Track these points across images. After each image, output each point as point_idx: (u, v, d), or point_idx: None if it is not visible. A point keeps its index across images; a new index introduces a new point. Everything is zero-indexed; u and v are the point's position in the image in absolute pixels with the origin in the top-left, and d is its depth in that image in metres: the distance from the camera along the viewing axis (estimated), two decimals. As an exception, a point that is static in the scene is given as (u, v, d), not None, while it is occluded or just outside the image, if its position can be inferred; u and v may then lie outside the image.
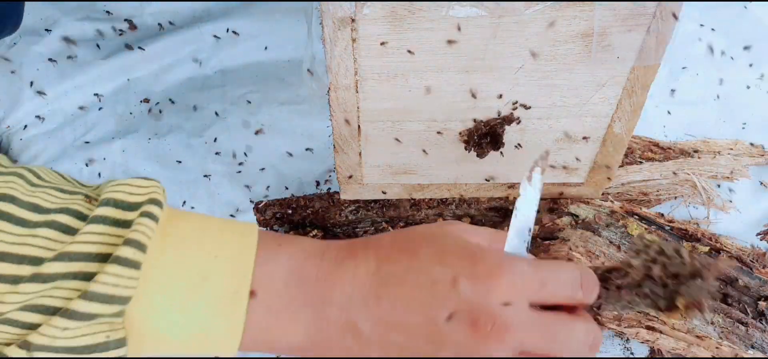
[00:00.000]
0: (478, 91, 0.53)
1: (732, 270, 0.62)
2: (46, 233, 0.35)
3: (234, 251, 0.39)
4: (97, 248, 0.36)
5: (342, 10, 0.46)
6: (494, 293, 0.38)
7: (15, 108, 0.77)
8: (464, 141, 0.58)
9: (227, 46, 0.83)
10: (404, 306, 0.39)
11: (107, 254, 0.36)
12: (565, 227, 0.62)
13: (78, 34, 0.83)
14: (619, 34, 0.48)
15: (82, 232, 0.36)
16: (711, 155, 0.71)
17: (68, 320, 0.34)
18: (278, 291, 0.40)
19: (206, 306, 0.38)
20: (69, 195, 0.38)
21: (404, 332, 0.39)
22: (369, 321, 0.40)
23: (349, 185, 0.64)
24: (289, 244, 0.42)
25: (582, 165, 0.62)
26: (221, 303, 0.38)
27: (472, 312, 0.38)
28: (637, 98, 0.54)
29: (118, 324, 0.36)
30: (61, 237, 0.36)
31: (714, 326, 0.60)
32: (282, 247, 0.41)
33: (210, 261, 0.38)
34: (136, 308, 0.36)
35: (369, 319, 0.40)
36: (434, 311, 0.38)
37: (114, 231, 0.36)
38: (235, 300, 0.38)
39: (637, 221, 0.64)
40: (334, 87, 0.52)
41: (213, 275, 0.38)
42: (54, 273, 0.34)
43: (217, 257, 0.39)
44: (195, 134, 0.77)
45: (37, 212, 0.36)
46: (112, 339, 0.36)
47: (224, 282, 0.38)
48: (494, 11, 0.46)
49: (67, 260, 0.35)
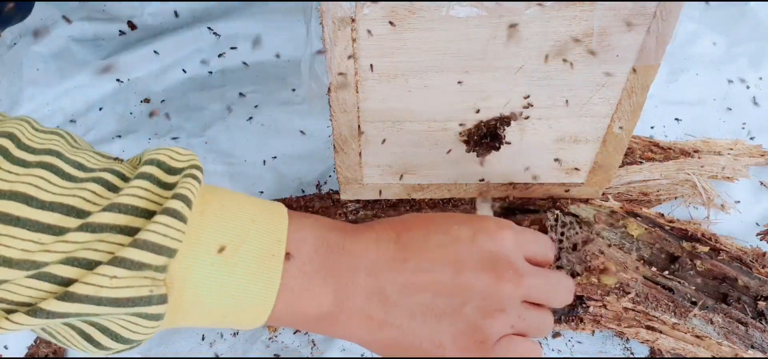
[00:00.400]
0: (479, 91, 0.53)
1: (732, 269, 0.62)
2: (93, 187, 0.35)
3: (268, 218, 0.41)
4: (144, 204, 0.36)
5: (342, 10, 0.46)
6: (507, 243, 0.44)
7: (15, 108, 0.77)
8: (464, 141, 0.58)
9: (227, 46, 0.83)
10: (430, 264, 0.42)
11: (152, 212, 0.36)
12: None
13: (78, 34, 0.83)
14: (619, 34, 0.48)
15: (131, 185, 0.36)
16: (711, 155, 0.71)
17: (117, 268, 0.33)
18: (309, 256, 0.42)
19: (244, 266, 0.39)
20: (109, 160, 0.39)
21: (431, 290, 0.42)
22: (396, 285, 0.42)
23: (349, 185, 0.64)
24: (314, 218, 0.45)
25: (582, 165, 0.62)
26: (258, 264, 0.39)
27: (491, 261, 0.42)
28: (637, 98, 0.54)
29: (160, 279, 0.36)
30: (107, 193, 0.36)
31: (714, 326, 0.60)
32: (309, 218, 0.44)
33: (247, 225, 0.40)
34: (179, 263, 0.37)
35: (395, 283, 0.42)
36: (460, 263, 0.42)
37: (158, 191, 0.37)
38: (272, 262, 0.40)
39: (637, 221, 0.64)
40: (334, 87, 0.52)
41: (250, 238, 0.39)
42: (103, 224, 0.34)
43: (254, 221, 0.40)
44: (195, 134, 0.77)
45: (82, 170, 0.36)
46: (155, 293, 0.36)
47: (261, 244, 0.40)
48: (494, 11, 0.46)
49: (116, 211, 0.35)
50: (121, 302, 0.34)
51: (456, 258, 0.42)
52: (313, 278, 0.41)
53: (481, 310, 0.42)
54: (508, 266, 0.43)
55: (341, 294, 0.42)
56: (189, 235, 0.37)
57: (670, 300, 0.61)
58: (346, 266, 0.42)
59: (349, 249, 0.43)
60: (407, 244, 0.43)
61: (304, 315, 0.42)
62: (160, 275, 0.36)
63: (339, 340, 0.64)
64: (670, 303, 0.60)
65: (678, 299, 0.61)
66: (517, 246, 0.45)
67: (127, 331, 0.37)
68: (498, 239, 0.44)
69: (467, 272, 0.42)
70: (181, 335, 0.64)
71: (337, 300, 0.42)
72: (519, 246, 0.45)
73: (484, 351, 0.43)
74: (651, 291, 0.61)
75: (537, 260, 0.47)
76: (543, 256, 0.47)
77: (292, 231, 0.42)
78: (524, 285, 0.44)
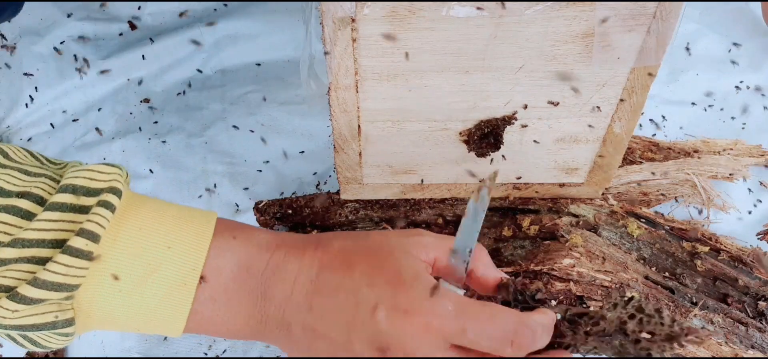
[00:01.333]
0: (479, 91, 0.53)
1: (732, 269, 0.62)
2: (4, 217, 0.37)
3: (187, 242, 0.40)
4: (52, 235, 0.37)
5: (342, 10, 0.46)
6: (409, 329, 0.39)
7: (15, 108, 0.77)
8: (464, 141, 0.58)
9: (227, 46, 0.83)
10: (329, 320, 0.41)
11: (62, 240, 0.37)
12: (565, 226, 0.62)
13: (78, 34, 0.83)
14: (619, 34, 0.48)
15: (38, 219, 0.37)
16: (711, 155, 0.71)
17: (17, 303, 0.35)
18: (225, 285, 0.41)
19: (154, 294, 0.39)
20: (33, 178, 0.39)
21: (326, 342, 0.41)
22: (299, 326, 0.41)
23: (349, 185, 0.64)
24: (244, 237, 0.43)
25: (582, 165, 0.62)
26: (168, 293, 0.40)
27: (382, 342, 0.39)
28: (637, 98, 0.54)
29: (67, 306, 0.38)
30: (19, 222, 0.37)
31: (714, 326, 0.60)
32: (236, 239, 0.43)
33: (162, 252, 0.40)
34: (85, 294, 0.38)
35: (300, 324, 0.41)
36: (351, 334, 0.40)
37: (71, 217, 0.38)
38: (182, 290, 0.40)
39: (637, 221, 0.64)
40: (334, 87, 0.52)
41: (163, 266, 0.39)
42: (6, 258, 0.36)
43: (170, 247, 0.40)
44: (195, 134, 0.77)
45: (0, 196, 0.37)
46: (61, 319, 0.38)
47: (173, 273, 0.40)
48: (494, 11, 0.46)
49: (20, 247, 0.36)
50: (26, 327, 0.37)
51: (352, 325, 0.40)
52: (226, 305, 0.41)
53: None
54: (402, 353, 0.39)
55: (253, 320, 0.42)
56: (96, 264, 0.38)
57: (670, 300, 0.61)
58: (261, 295, 0.42)
59: (269, 278, 0.42)
60: (320, 288, 0.41)
61: (216, 333, 0.43)
62: (67, 302, 0.37)
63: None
64: (670, 303, 0.60)
65: (678, 299, 0.61)
66: (428, 333, 0.39)
67: (44, 341, 0.39)
68: (398, 321, 0.39)
69: (357, 343, 0.40)
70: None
71: (247, 324, 0.42)
72: (434, 333, 0.39)
73: None
74: (651, 291, 0.61)
75: (480, 351, 0.40)
76: (489, 349, 0.39)
77: (213, 257, 0.41)
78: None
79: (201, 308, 0.41)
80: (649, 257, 0.63)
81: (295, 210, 0.68)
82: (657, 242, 0.64)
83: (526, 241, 0.62)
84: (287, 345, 0.43)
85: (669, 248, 0.64)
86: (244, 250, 0.42)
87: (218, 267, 0.41)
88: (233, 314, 0.42)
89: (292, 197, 0.70)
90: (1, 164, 0.40)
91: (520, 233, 0.63)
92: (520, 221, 0.63)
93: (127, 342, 0.64)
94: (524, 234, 0.63)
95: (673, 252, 0.63)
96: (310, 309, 0.41)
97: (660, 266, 0.63)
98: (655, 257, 0.63)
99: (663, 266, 0.63)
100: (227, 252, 0.42)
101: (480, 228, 0.43)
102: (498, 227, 0.64)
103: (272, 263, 0.42)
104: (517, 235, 0.63)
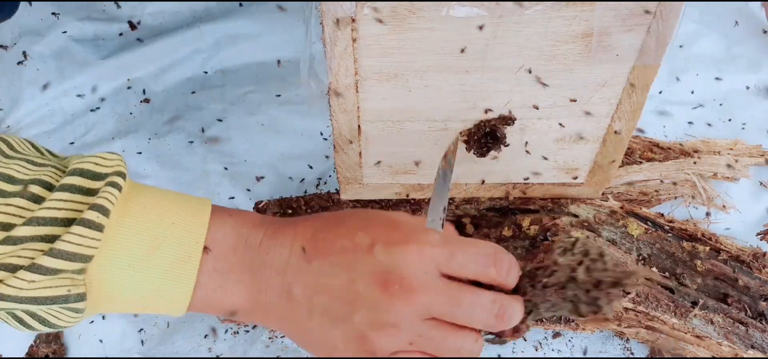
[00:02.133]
0: (478, 91, 0.53)
1: (732, 269, 0.62)
2: (18, 202, 0.39)
3: (188, 219, 0.43)
4: (64, 214, 0.39)
5: (342, 10, 0.46)
6: (405, 256, 0.42)
7: (15, 108, 0.77)
8: (464, 141, 0.58)
9: (227, 46, 0.83)
10: (329, 269, 0.43)
11: (73, 219, 0.39)
12: (565, 227, 0.62)
13: (78, 34, 0.83)
14: (619, 34, 0.48)
15: (51, 199, 0.39)
16: (711, 155, 0.71)
17: (34, 273, 0.38)
18: (226, 256, 0.44)
19: (161, 266, 0.42)
20: (39, 167, 0.41)
21: (328, 294, 0.43)
22: (300, 285, 0.44)
23: (349, 185, 0.64)
24: (238, 215, 0.46)
25: (582, 165, 0.62)
26: (175, 265, 0.42)
27: (382, 273, 0.42)
28: (637, 98, 0.54)
29: (79, 280, 0.40)
30: (31, 206, 0.39)
31: (714, 326, 0.60)
32: (232, 217, 0.46)
33: (166, 228, 0.42)
34: (97, 266, 0.40)
35: (300, 282, 0.44)
36: (352, 273, 0.42)
37: (80, 199, 0.40)
38: (188, 263, 0.42)
39: (637, 221, 0.64)
40: (334, 87, 0.52)
41: (169, 239, 0.42)
42: (23, 236, 0.38)
43: (173, 223, 0.42)
44: (195, 134, 0.77)
45: (11, 183, 0.39)
46: (73, 293, 0.40)
47: (178, 247, 0.42)
48: (494, 11, 0.46)
49: (35, 225, 0.38)
50: (40, 300, 0.39)
51: (352, 266, 0.42)
52: (228, 276, 0.44)
53: (370, 322, 0.42)
54: (397, 280, 0.41)
55: (254, 290, 0.44)
56: (106, 240, 0.40)
57: (670, 300, 0.61)
58: (261, 264, 0.44)
59: (266, 248, 0.44)
60: (317, 246, 0.44)
61: (220, 309, 0.45)
62: (79, 276, 0.40)
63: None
64: (671, 303, 0.60)
65: (678, 299, 0.61)
66: (422, 259, 0.42)
67: (54, 318, 0.41)
68: (395, 251, 0.42)
69: (359, 281, 0.42)
70: (181, 335, 0.64)
71: (250, 297, 0.45)
72: (427, 259, 0.42)
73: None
74: (651, 291, 0.61)
75: (466, 275, 0.43)
76: (475, 272, 0.43)
77: (213, 231, 0.44)
78: (416, 303, 0.41)
79: (205, 280, 0.43)
80: (649, 258, 0.63)
81: (295, 210, 0.68)
82: (657, 242, 0.64)
83: (526, 241, 0.62)
84: (288, 317, 0.45)
85: (669, 248, 0.64)
86: (241, 225, 0.45)
87: (219, 239, 0.44)
88: (235, 285, 0.44)
89: (292, 197, 0.70)
90: (9, 155, 0.42)
91: (520, 233, 0.63)
92: (520, 221, 0.63)
93: (127, 342, 0.64)
94: (524, 234, 0.63)
95: (673, 252, 0.63)
96: (309, 266, 0.43)
97: (660, 267, 0.63)
98: (655, 257, 0.63)
99: (663, 266, 0.63)
100: (226, 226, 0.44)
101: (450, 188, 0.49)
102: (498, 227, 0.64)
103: (267, 235, 0.45)
104: (517, 235, 0.63)
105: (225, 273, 0.44)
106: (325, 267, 0.43)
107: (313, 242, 0.44)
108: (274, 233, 0.45)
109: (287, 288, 0.44)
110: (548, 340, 0.63)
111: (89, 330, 0.64)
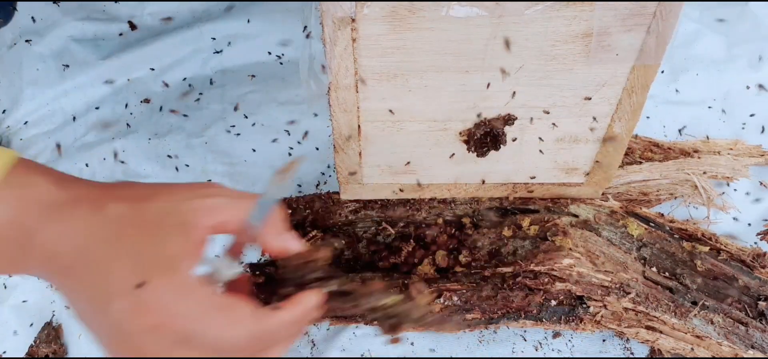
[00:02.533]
0: (478, 91, 0.53)
1: (732, 269, 0.62)
2: None
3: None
4: None
5: (342, 10, 0.46)
6: (137, 327, 0.39)
7: (15, 108, 0.77)
8: (464, 141, 0.58)
9: (227, 46, 0.83)
10: (76, 298, 0.41)
11: None
12: (565, 227, 0.62)
13: (78, 34, 0.83)
14: (619, 34, 0.48)
15: None
16: (711, 155, 0.71)
17: None
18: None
19: None
20: None
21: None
22: (56, 285, 0.42)
23: (349, 185, 0.64)
24: (22, 191, 0.42)
25: (582, 165, 0.62)
26: None
27: (110, 335, 0.40)
28: (637, 98, 0.54)
29: None
30: None
31: (714, 326, 0.60)
32: (16, 190, 0.42)
33: None
34: None
35: (57, 284, 0.42)
36: (90, 318, 0.40)
37: None
38: None
39: (637, 221, 0.64)
40: (334, 87, 0.52)
41: None
42: None
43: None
44: (195, 134, 0.77)
45: None
46: None
47: None
48: (494, 11, 0.46)
49: None
50: None
51: (93, 308, 0.40)
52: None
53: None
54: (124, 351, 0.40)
55: (14, 270, 0.43)
56: None
57: (670, 300, 0.61)
58: (31, 256, 0.41)
59: (36, 241, 0.41)
60: (77, 262, 0.41)
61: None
62: None
63: (339, 340, 0.64)
64: (671, 303, 0.60)
65: (678, 299, 0.61)
66: (156, 332, 0.39)
67: None
68: (128, 319, 0.39)
69: (93, 326, 0.41)
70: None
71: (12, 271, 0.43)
72: (168, 330, 0.39)
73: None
74: (651, 291, 0.61)
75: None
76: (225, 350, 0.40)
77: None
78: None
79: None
80: (649, 257, 0.63)
81: (295, 211, 0.68)
82: (657, 242, 0.64)
83: (526, 241, 0.62)
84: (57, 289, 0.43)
85: (669, 248, 0.64)
86: (19, 206, 0.42)
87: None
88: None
89: (291, 197, 0.70)
90: None
91: (520, 233, 0.63)
92: (520, 221, 0.63)
93: (127, 342, 0.64)
94: (524, 234, 0.63)
95: (673, 252, 0.63)
96: (66, 279, 0.41)
97: (660, 266, 0.63)
98: (655, 257, 0.63)
99: (663, 266, 0.63)
100: (1, 203, 0.41)
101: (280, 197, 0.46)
102: (498, 227, 0.64)
103: (42, 227, 0.41)
104: (517, 235, 0.63)
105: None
106: (74, 293, 0.41)
107: (75, 259, 0.41)
108: (48, 224, 0.42)
109: (49, 276, 0.43)
110: (548, 340, 0.63)
111: (89, 330, 0.64)
